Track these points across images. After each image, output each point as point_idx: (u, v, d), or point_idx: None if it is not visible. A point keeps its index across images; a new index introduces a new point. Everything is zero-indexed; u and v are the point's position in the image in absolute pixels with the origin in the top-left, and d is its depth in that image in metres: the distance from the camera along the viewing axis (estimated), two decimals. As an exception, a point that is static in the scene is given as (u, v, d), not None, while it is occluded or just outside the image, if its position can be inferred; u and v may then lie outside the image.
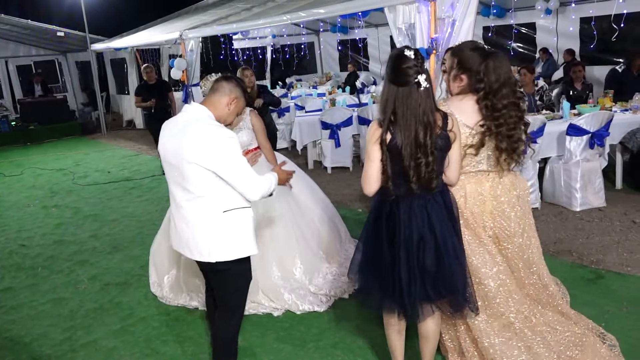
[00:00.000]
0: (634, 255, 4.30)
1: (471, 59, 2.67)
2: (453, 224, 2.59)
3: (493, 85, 2.62)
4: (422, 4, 5.01)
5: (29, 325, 3.96)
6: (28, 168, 9.78)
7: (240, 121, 4.00)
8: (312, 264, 4.00)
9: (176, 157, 2.59)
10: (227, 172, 2.54)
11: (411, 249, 2.51)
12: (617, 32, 5.91)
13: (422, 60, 2.43)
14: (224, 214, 2.61)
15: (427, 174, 2.43)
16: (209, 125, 2.57)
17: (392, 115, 2.43)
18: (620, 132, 5.72)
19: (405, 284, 2.52)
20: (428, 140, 2.40)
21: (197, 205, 2.62)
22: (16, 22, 13.10)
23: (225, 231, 2.63)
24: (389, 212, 2.56)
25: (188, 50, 9.15)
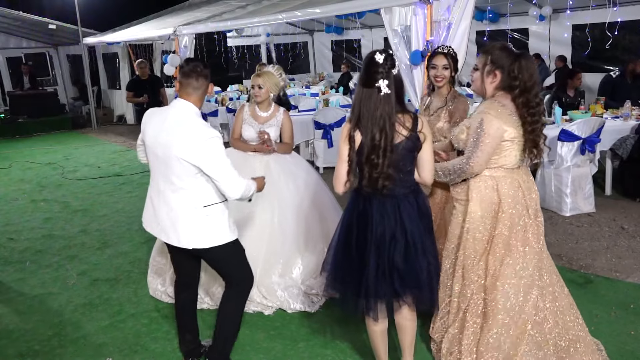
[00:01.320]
0: (623, 261, 4.35)
1: (503, 57, 2.75)
2: (424, 222, 2.68)
3: (527, 82, 2.71)
4: (418, 6, 5.04)
5: (16, 320, 3.91)
6: (16, 161, 9.67)
7: (273, 118, 4.09)
8: (312, 266, 3.99)
9: (165, 150, 2.75)
10: (212, 170, 2.71)
11: (382, 246, 2.59)
12: (611, 39, 5.97)
13: (390, 66, 2.49)
14: (205, 208, 2.80)
15: (376, 174, 2.53)
16: (198, 124, 2.73)
17: (357, 114, 2.54)
18: (610, 139, 5.78)
19: (373, 282, 2.60)
20: (382, 143, 2.49)
21: (179, 197, 2.81)
22: (7, 13, 12.97)
23: (204, 223, 2.83)
24: (362, 210, 2.65)
25: (182, 46, 9.11)
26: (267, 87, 4.00)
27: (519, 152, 2.83)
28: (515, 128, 2.76)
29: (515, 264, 2.84)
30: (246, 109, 4.15)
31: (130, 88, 8.47)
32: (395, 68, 2.52)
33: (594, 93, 9.08)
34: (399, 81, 2.55)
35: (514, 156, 2.83)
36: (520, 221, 2.85)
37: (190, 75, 2.80)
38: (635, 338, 3.28)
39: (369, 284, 2.61)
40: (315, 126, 7.61)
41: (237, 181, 2.76)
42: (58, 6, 16.41)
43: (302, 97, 9.60)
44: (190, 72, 2.81)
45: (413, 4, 5.03)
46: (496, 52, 2.78)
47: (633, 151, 5.66)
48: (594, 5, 7.51)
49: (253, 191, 2.90)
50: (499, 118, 2.72)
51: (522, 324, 2.85)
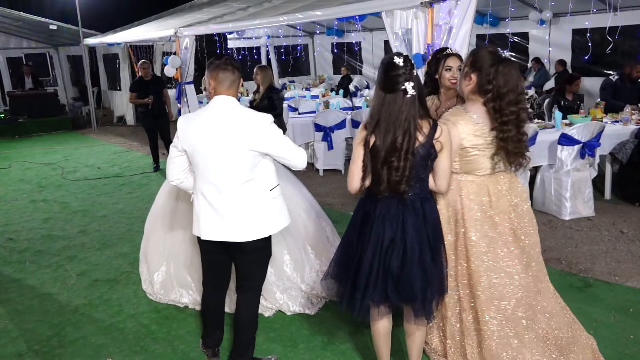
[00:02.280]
0: (622, 265, 4.36)
1: (484, 60, 2.73)
2: (427, 231, 2.63)
3: (501, 89, 2.67)
4: (419, 9, 5.04)
5: (16, 320, 3.91)
6: (16, 161, 9.67)
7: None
8: (301, 259, 4.00)
9: (226, 147, 2.74)
10: (281, 151, 2.82)
11: (379, 250, 2.58)
12: (612, 44, 5.99)
13: (411, 67, 2.48)
14: (270, 192, 2.90)
15: (396, 177, 2.51)
16: (252, 113, 2.81)
17: (377, 119, 2.51)
18: (610, 143, 5.80)
19: (363, 283, 2.61)
20: (404, 146, 2.47)
21: (248, 188, 2.83)
22: (8, 13, 12.97)
23: (273, 207, 2.91)
24: (366, 212, 2.66)
25: (182, 48, 9.11)
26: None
27: (488, 159, 2.79)
28: (479, 135, 2.74)
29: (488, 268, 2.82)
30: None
31: (134, 89, 8.43)
32: (415, 71, 2.51)
33: (594, 97, 9.11)
34: (419, 83, 2.53)
35: (482, 163, 2.81)
36: (487, 226, 2.82)
37: (227, 69, 2.82)
38: (635, 342, 3.28)
39: (360, 284, 2.62)
40: (316, 128, 7.62)
41: (300, 151, 2.90)
42: (59, 7, 16.42)
43: (303, 100, 9.61)
44: (225, 66, 2.83)
45: (414, 7, 5.04)
46: (477, 56, 2.76)
47: (633, 155, 5.68)
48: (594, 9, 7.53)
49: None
50: (457, 125, 2.71)
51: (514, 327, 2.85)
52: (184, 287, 3.98)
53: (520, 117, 2.73)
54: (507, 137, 2.71)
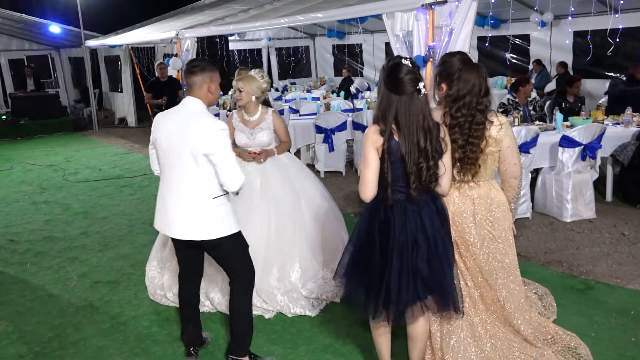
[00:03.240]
0: (623, 267, 4.35)
1: (451, 67, 2.74)
2: (444, 227, 2.67)
3: (459, 92, 2.69)
4: (420, 11, 5.05)
5: (17, 321, 3.91)
6: (18, 163, 9.68)
7: (262, 121, 4.06)
8: (310, 270, 3.99)
9: (179, 145, 2.89)
10: (219, 160, 2.85)
11: (405, 253, 2.56)
12: (613, 46, 6.00)
13: (418, 68, 2.52)
14: (214, 199, 2.94)
15: (428, 178, 2.52)
16: (207, 117, 2.92)
17: (394, 121, 2.47)
18: (611, 145, 5.79)
19: (396, 288, 2.57)
20: (429, 145, 2.48)
21: (193, 190, 2.93)
22: (9, 15, 13.00)
23: (215, 214, 2.96)
24: (384, 218, 2.60)
25: (184, 49, 9.13)
26: (247, 90, 3.99)
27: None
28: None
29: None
30: (235, 116, 4.14)
31: (150, 89, 8.46)
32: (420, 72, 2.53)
33: (595, 99, 9.11)
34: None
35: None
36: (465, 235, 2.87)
37: (193, 72, 2.98)
38: (636, 344, 3.28)
39: (391, 290, 2.57)
40: (317, 130, 7.62)
41: (239, 174, 2.91)
42: (60, 9, 16.45)
43: (304, 102, 9.62)
44: (189, 70, 2.99)
45: (415, 9, 5.05)
46: (448, 62, 2.76)
47: (634, 157, 5.67)
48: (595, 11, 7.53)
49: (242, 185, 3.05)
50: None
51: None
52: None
53: (475, 119, 2.72)
54: (453, 139, 2.71)
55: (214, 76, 3.00)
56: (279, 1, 8.93)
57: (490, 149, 2.82)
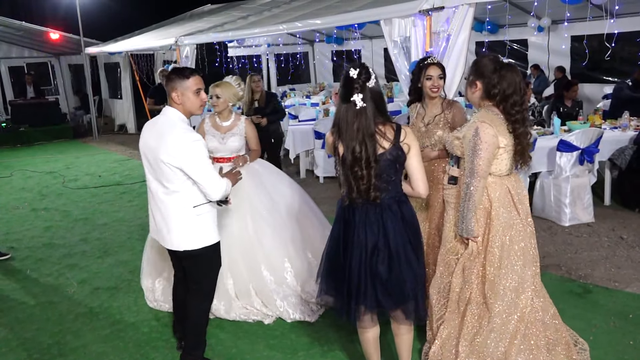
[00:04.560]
0: (622, 271, 4.36)
1: (486, 67, 2.84)
2: (409, 234, 2.68)
3: (506, 91, 2.80)
4: (417, 17, 5.08)
5: (16, 328, 3.92)
6: (18, 170, 9.70)
7: (235, 127, 4.11)
8: (301, 266, 4.01)
9: (154, 155, 2.91)
10: (194, 172, 2.85)
11: (364, 256, 2.62)
12: (610, 50, 6.03)
13: (364, 79, 2.54)
14: (194, 208, 2.94)
15: (363, 185, 2.57)
16: (180, 129, 2.89)
17: (337, 128, 2.61)
18: (609, 149, 5.81)
19: (355, 291, 2.63)
20: (363, 155, 2.54)
21: (172, 199, 2.95)
22: (10, 23, 13.06)
23: (195, 224, 2.97)
24: (346, 219, 2.69)
25: (183, 56, 9.16)
26: (224, 97, 4.05)
27: (509, 160, 2.90)
28: (507, 136, 2.84)
29: (512, 265, 2.89)
30: (207, 121, 4.19)
31: (152, 95, 8.50)
32: (371, 81, 2.55)
33: (593, 103, 9.13)
34: (376, 93, 2.58)
35: (505, 164, 2.90)
36: (513, 223, 2.91)
37: (166, 84, 3.02)
38: (635, 348, 3.28)
39: (352, 292, 2.65)
40: (316, 136, 7.64)
41: (218, 182, 2.91)
42: (60, 16, 16.52)
43: (303, 107, 9.64)
44: (165, 82, 3.03)
45: (413, 15, 5.08)
46: (482, 62, 2.87)
47: (631, 161, 5.69)
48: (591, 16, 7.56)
49: (229, 190, 3.03)
50: (493, 126, 2.79)
51: (516, 323, 2.89)
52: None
53: (524, 116, 2.87)
54: (520, 134, 2.84)
55: (177, 85, 2.93)
56: (277, 8, 8.98)
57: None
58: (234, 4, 11.77)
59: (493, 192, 2.89)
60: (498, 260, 2.89)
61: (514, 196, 2.92)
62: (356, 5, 6.46)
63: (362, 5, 6.26)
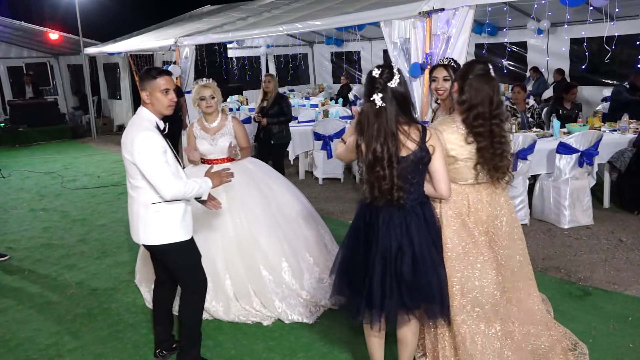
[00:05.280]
0: (621, 274, 4.36)
1: (467, 72, 2.80)
2: (432, 235, 2.68)
3: (472, 101, 2.74)
4: (418, 19, 5.08)
5: (14, 329, 3.91)
6: (16, 170, 9.68)
7: (223, 127, 4.15)
8: (299, 266, 4.01)
9: (122, 152, 2.99)
10: (144, 169, 2.89)
11: (389, 258, 2.59)
12: (610, 53, 6.04)
13: (386, 79, 2.53)
14: (153, 205, 2.97)
15: (386, 185, 2.55)
16: (137, 127, 2.95)
17: (360, 126, 2.60)
18: (608, 152, 5.82)
19: (379, 294, 2.60)
20: (385, 155, 2.52)
21: (137, 195, 3.02)
22: (9, 23, 13.04)
23: (154, 220, 3.00)
24: (369, 221, 2.66)
25: (182, 57, 9.15)
26: (217, 97, 4.09)
27: (471, 170, 2.83)
28: (463, 145, 2.78)
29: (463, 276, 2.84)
30: (195, 125, 4.21)
31: None
32: (393, 81, 2.53)
33: (592, 106, 9.15)
34: (400, 93, 2.55)
35: (464, 173, 2.85)
36: (464, 234, 2.85)
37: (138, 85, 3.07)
38: (634, 351, 3.28)
39: (374, 296, 2.61)
40: (315, 137, 7.64)
41: (169, 182, 2.89)
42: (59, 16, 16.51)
43: (302, 108, 9.64)
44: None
45: (413, 17, 5.08)
46: (464, 68, 2.86)
47: (631, 164, 5.69)
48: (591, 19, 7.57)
49: (201, 191, 3.03)
50: (443, 133, 2.76)
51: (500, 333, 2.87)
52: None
53: (493, 132, 2.77)
54: (480, 147, 2.77)
55: (146, 85, 2.97)
56: (277, 9, 8.98)
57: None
58: (234, 5, 11.77)
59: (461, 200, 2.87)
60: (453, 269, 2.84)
61: (471, 206, 2.87)
62: (356, 6, 6.46)
63: (362, 7, 6.26)
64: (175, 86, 3.06)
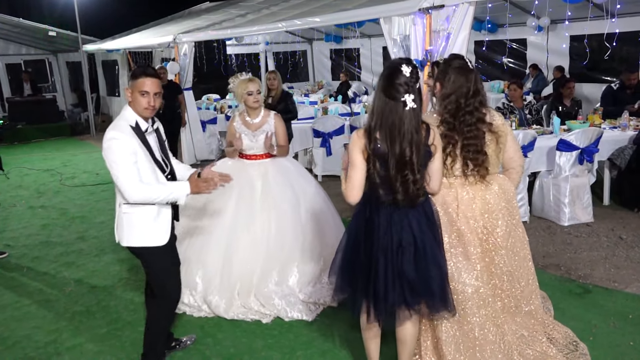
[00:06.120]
0: (621, 271, 4.35)
1: (446, 68, 2.82)
2: (432, 230, 2.65)
3: (446, 90, 2.78)
4: (417, 16, 5.07)
5: (12, 326, 3.89)
6: (15, 167, 9.64)
7: (265, 123, 4.12)
8: (309, 274, 3.98)
9: None
10: (110, 170, 2.85)
11: (389, 254, 2.57)
12: (610, 50, 6.02)
13: (416, 79, 2.46)
14: (122, 206, 2.93)
15: (415, 191, 2.51)
16: (112, 126, 2.90)
17: (379, 124, 2.48)
18: (608, 149, 5.80)
19: (382, 289, 2.58)
20: (414, 158, 2.46)
21: (117, 195, 2.97)
22: (8, 20, 13.00)
23: (124, 221, 2.95)
24: (369, 218, 2.63)
25: (181, 54, 9.13)
26: (262, 91, 4.07)
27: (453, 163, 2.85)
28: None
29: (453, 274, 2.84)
30: (237, 119, 4.17)
31: None
32: (418, 81, 2.48)
33: (592, 103, 9.13)
34: (421, 94, 2.51)
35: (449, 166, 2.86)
36: (452, 233, 2.87)
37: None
38: (634, 349, 3.27)
39: (377, 291, 2.59)
40: (314, 134, 7.62)
41: (131, 186, 2.79)
42: (58, 13, 16.46)
43: (301, 106, 9.61)
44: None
45: (412, 13, 5.07)
46: (443, 65, 2.87)
47: (631, 161, 5.68)
48: (592, 16, 7.55)
49: (176, 196, 2.88)
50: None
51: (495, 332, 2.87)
52: (188, 286, 3.89)
53: (465, 120, 2.79)
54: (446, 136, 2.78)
55: (130, 83, 2.92)
56: (276, 6, 8.95)
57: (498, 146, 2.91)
58: (233, 2, 11.73)
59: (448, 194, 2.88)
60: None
61: (460, 201, 2.87)
62: (355, 3, 6.44)
63: (362, 3, 6.24)
64: (162, 89, 2.97)
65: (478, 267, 2.87)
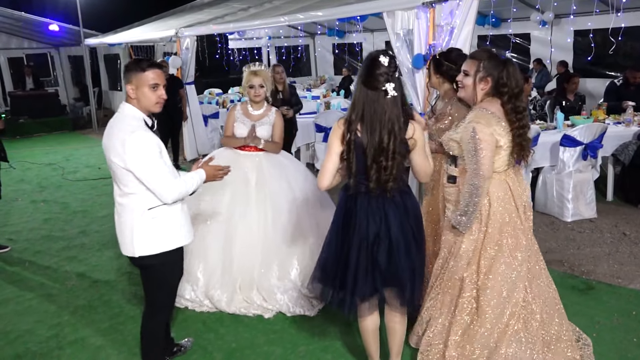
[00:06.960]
0: (625, 267, 4.33)
1: (493, 63, 2.81)
2: (411, 224, 2.67)
3: (515, 89, 2.79)
4: (421, 10, 5.02)
5: (14, 320, 3.90)
6: (17, 162, 9.62)
7: (265, 116, 4.13)
8: (309, 268, 3.96)
9: (107, 156, 2.71)
10: (141, 175, 2.63)
11: (364, 245, 2.61)
12: (615, 45, 5.98)
13: (394, 69, 2.51)
14: (149, 211, 2.71)
15: (385, 177, 2.54)
16: (126, 127, 2.65)
17: (360, 115, 2.53)
18: (612, 145, 5.77)
19: (352, 278, 2.62)
20: (391, 146, 2.50)
21: (128, 202, 2.73)
22: (9, 14, 12.98)
23: (150, 227, 2.73)
24: (347, 208, 2.67)
25: (183, 48, 9.09)
26: (267, 86, 4.06)
27: (507, 156, 2.87)
28: (504, 134, 2.80)
29: (506, 262, 2.87)
30: (238, 108, 4.19)
31: None
32: (397, 71, 2.52)
33: (596, 98, 9.08)
34: (401, 84, 2.55)
35: (503, 161, 2.87)
36: (510, 220, 2.89)
37: (123, 76, 2.82)
38: (638, 345, 3.26)
39: (348, 281, 2.64)
40: (317, 129, 7.61)
41: (170, 185, 2.66)
42: (60, 7, 16.42)
43: (304, 100, 9.58)
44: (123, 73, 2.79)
45: (416, 7, 5.02)
46: (487, 59, 2.83)
47: (635, 157, 5.65)
48: (597, 10, 7.50)
49: (196, 185, 2.82)
50: (489, 126, 2.76)
51: (507, 318, 2.88)
52: (189, 281, 3.89)
53: (525, 114, 2.85)
54: (523, 132, 2.82)
55: (133, 78, 2.69)
56: (279, 0, 8.90)
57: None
58: (235, -4, 11.68)
59: (494, 192, 2.87)
60: (492, 258, 2.88)
61: (514, 191, 2.91)
62: (358, -3, 6.40)
63: (364, -3, 6.19)
64: (166, 82, 2.83)
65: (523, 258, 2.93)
